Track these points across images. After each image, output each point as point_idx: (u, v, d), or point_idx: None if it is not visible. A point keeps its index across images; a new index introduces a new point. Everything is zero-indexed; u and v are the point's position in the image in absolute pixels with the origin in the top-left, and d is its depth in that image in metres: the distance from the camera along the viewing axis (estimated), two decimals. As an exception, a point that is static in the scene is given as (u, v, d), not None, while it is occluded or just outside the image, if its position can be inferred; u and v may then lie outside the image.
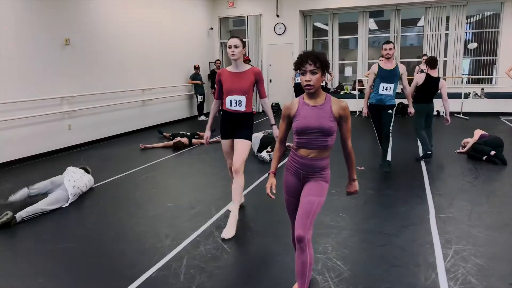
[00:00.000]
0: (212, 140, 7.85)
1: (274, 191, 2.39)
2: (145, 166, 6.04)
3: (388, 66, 5.34)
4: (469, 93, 11.10)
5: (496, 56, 11.29)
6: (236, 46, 3.59)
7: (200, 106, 11.35)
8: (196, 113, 11.66)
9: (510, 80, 9.98)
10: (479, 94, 11.13)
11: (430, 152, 5.92)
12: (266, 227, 3.71)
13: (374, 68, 5.45)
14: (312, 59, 2.22)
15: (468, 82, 11.58)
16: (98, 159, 6.61)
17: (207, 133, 4.04)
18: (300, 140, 2.34)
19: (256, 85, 3.78)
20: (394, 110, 5.40)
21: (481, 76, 11.88)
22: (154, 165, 6.14)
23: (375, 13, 12.62)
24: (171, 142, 7.44)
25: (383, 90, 5.35)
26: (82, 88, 7.57)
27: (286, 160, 2.53)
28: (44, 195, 4.37)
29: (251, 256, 3.17)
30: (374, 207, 4.15)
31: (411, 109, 5.66)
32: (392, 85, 5.34)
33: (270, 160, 6.14)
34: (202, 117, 11.32)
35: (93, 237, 3.57)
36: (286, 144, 2.57)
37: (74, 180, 4.57)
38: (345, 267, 2.90)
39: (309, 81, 2.24)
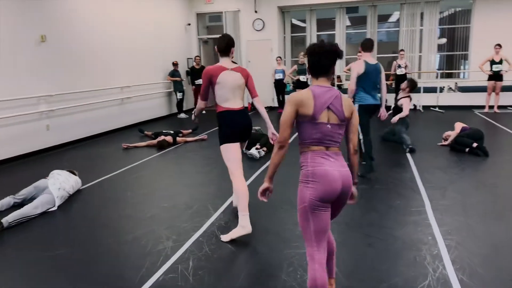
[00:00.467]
0: (197, 138, 7.75)
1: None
2: (131, 166, 5.88)
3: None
4: (443, 87, 11.44)
5: (467, 51, 11.67)
6: None
7: (180, 103, 11.17)
8: (175, 110, 11.47)
9: (481, 74, 10.38)
10: (453, 88, 11.48)
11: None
12: (269, 225, 3.68)
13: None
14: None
15: (442, 76, 11.92)
16: (81, 160, 6.38)
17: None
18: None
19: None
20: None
21: (454, 71, 12.26)
22: (140, 164, 5.99)
23: (350, 9, 12.76)
24: (154, 141, 7.27)
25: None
26: (59, 87, 7.27)
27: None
28: (30, 200, 4.18)
29: (258, 255, 3.14)
30: (370, 202, 4.19)
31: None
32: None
33: (260, 157, 6.12)
34: (182, 115, 11.15)
35: (89, 242, 3.44)
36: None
37: (60, 182, 4.40)
38: (352, 262, 2.92)
39: None
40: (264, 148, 6.28)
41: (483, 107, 10.44)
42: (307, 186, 2.07)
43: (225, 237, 3.34)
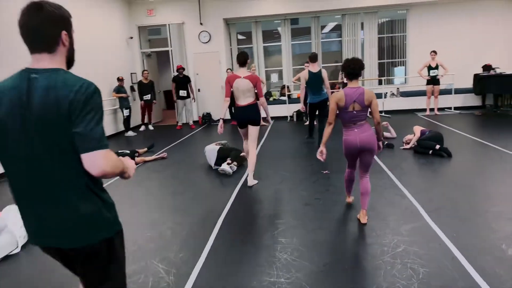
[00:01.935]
0: (156, 157, 7.28)
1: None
2: (93, 193, 5.31)
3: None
4: (386, 92, 12.00)
5: (405, 58, 12.39)
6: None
7: (127, 120, 10.50)
8: (122, 128, 10.78)
9: (420, 79, 11.05)
10: (395, 93, 12.09)
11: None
12: (254, 242, 3.45)
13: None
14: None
15: (385, 82, 12.52)
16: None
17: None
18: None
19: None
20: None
21: (394, 77, 12.94)
22: (103, 190, 5.43)
23: (291, 20, 12.98)
24: (112, 163, 6.69)
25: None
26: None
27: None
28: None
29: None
30: (373, 213, 4.12)
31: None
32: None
33: (234, 172, 5.85)
34: (130, 133, 10.49)
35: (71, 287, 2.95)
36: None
37: (20, 218, 3.79)
38: (371, 271, 2.79)
39: None
40: (235, 163, 6.04)
41: (424, 110, 11.09)
42: (343, 145, 3.77)
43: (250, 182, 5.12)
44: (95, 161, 1.44)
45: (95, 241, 1.58)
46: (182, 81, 11.02)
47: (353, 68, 3.55)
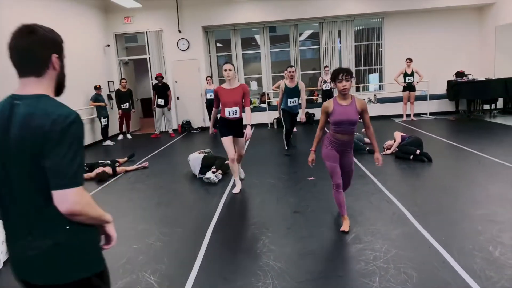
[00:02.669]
0: (137, 166, 7.15)
1: (314, 163, 3.89)
2: (75, 205, 5.15)
3: (291, 85, 7.11)
4: (364, 99, 12.22)
5: (381, 65, 12.67)
6: (230, 70, 4.98)
7: (104, 129, 10.26)
8: (100, 138, 10.53)
9: (396, 86, 11.32)
10: (372, 99, 12.34)
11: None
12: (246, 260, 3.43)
13: (282, 86, 7.26)
14: (346, 71, 3.54)
15: (362, 89, 12.77)
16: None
17: (212, 129, 5.63)
18: (336, 128, 3.67)
19: (244, 97, 5.11)
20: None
21: (370, 84, 13.20)
22: (85, 202, 5.27)
23: (270, 28, 13.10)
24: (92, 173, 6.53)
25: (291, 103, 7.21)
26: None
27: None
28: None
29: (269, 290, 2.87)
30: (349, 217, 4.16)
31: (303, 116, 7.50)
32: (296, 99, 7.23)
33: (219, 181, 5.80)
34: (108, 142, 10.25)
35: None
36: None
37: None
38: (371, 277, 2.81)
39: (345, 86, 3.55)
40: (220, 171, 5.99)
41: (401, 116, 11.35)
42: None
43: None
44: (64, 199, 1.34)
45: (66, 281, 1.44)
46: (161, 89, 10.92)
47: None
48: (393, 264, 3.07)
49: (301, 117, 7.51)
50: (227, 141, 5.11)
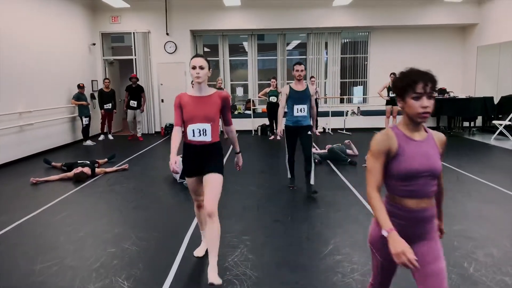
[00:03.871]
0: (117, 168, 7.03)
1: (416, 262, 1.63)
2: (51, 205, 5.03)
3: (299, 87, 5.26)
4: (348, 111, 12.36)
5: (366, 78, 12.85)
6: (201, 67, 2.99)
7: (86, 129, 10.09)
8: (80, 137, 10.34)
9: (379, 99, 11.49)
10: (356, 112, 12.48)
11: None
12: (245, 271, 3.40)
13: (286, 90, 5.31)
14: (430, 79, 1.79)
15: (346, 101, 12.90)
16: (-22, 201, 5.27)
17: (173, 159, 2.92)
18: (406, 187, 1.81)
19: (222, 110, 3.14)
20: (311, 131, 5.38)
21: (354, 96, 13.36)
22: (60, 202, 5.15)
23: (258, 36, 13.15)
24: (70, 173, 6.38)
25: (297, 112, 5.24)
26: None
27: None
28: None
29: (244, 299, 2.84)
30: (341, 230, 4.17)
31: (315, 129, 5.96)
32: (305, 106, 5.24)
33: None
34: (89, 142, 10.07)
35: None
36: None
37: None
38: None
39: (427, 107, 1.76)
40: (201, 177, 5.90)
41: (383, 129, 11.48)
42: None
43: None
44: None
45: None
46: (135, 90, 10.75)
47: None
48: (370, 277, 3.07)
49: (315, 130, 5.78)
50: (192, 184, 3.24)
